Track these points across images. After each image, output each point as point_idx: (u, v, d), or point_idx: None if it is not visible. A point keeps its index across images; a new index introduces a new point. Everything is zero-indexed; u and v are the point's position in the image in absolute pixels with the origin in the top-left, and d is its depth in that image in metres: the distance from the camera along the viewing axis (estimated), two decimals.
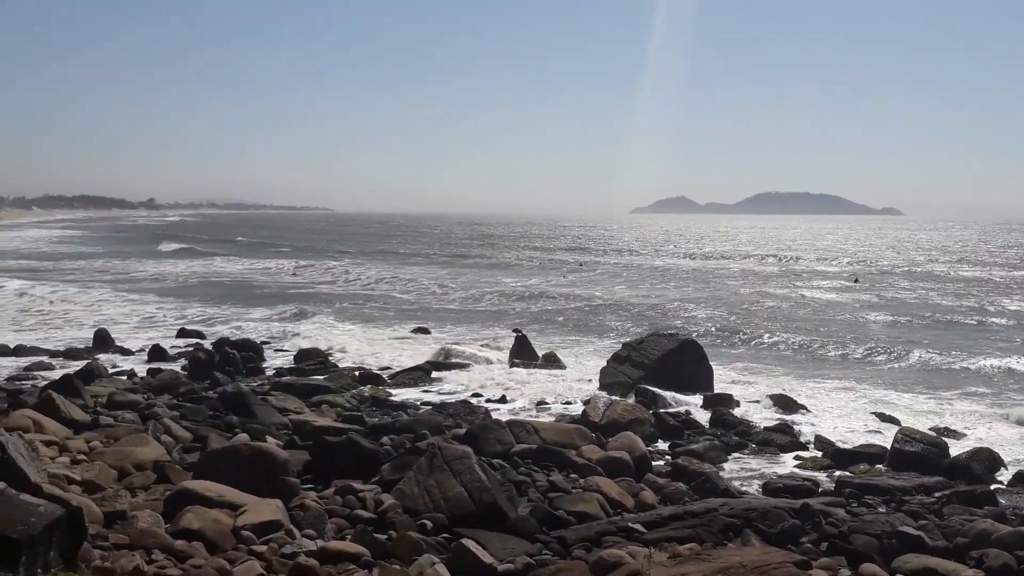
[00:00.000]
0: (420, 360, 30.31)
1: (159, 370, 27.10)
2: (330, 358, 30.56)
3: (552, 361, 29.97)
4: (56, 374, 25.68)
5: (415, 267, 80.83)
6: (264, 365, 29.40)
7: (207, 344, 32.10)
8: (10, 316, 41.29)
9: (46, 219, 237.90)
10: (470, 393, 25.95)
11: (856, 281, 65.29)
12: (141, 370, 28.01)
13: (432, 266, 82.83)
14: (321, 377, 27.06)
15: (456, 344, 33.23)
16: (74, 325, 39.27)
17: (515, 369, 29.26)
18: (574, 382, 27.52)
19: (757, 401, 25.18)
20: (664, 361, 25.76)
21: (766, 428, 22.05)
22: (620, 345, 29.34)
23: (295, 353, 31.09)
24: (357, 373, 27.94)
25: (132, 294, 52.39)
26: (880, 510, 15.60)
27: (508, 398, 25.36)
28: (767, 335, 37.13)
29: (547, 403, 24.93)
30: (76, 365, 28.00)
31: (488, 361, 30.40)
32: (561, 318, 43.69)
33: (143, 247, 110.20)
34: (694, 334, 33.05)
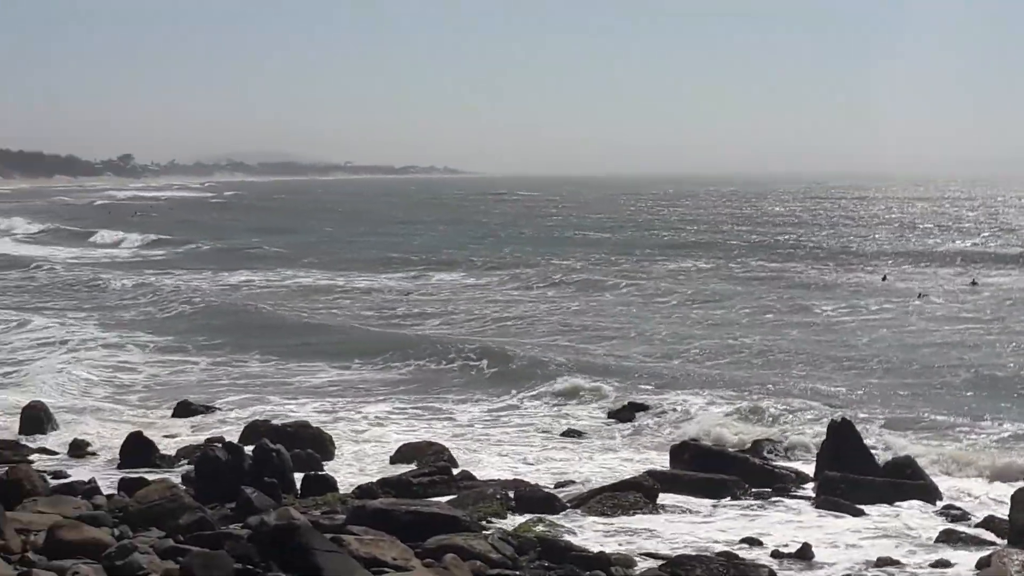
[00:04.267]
0: (635, 467, 19.65)
1: (141, 481, 17.95)
2: (457, 460, 20.59)
3: (906, 474, 18.31)
4: None
5: (639, 279, 51.03)
6: (334, 472, 19.61)
7: (227, 432, 22.09)
8: None
9: None
10: (737, 537, 16.06)
11: None
12: (108, 481, 18.60)
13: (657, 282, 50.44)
14: (444, 498, 17.88)
15: (709, 437, 21.59)
16: None
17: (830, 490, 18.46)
18: (946, 518, 16.92)
19: None
20: None
21: None
22: None
23: (392, 452, 21.01)
24: (511, 493, 18.03)
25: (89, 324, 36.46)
26: None
27: (814, 549, 15.28)
28: None
29: (897, 562, 14.78)
30: None
31: (768, 469, 19.44)
32: (909, 376, 27.20)
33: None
34: None
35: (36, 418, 22.62)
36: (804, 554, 14.81)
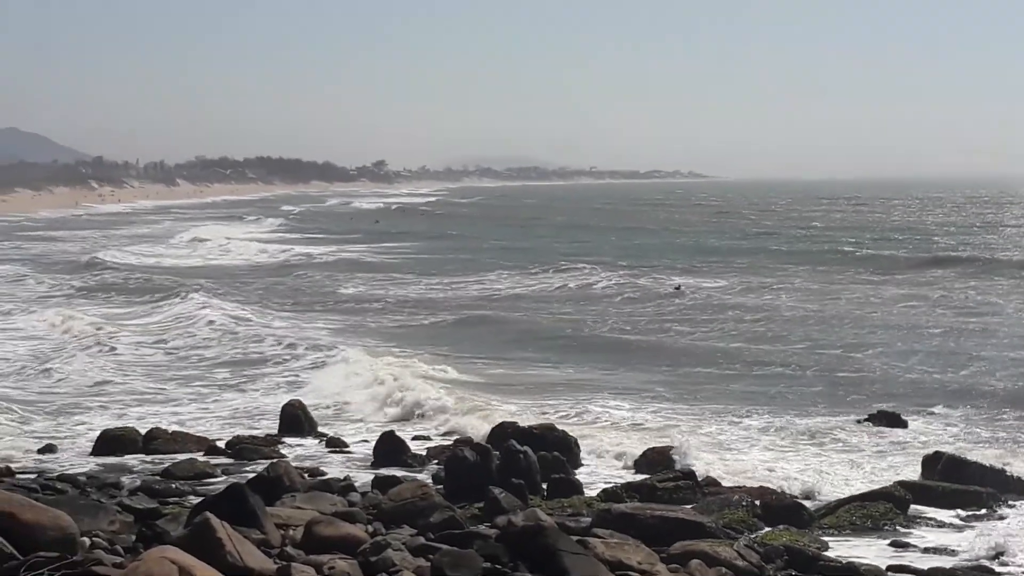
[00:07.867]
0: (884, 477, 18.91)
1: (393, 480, 18.60)
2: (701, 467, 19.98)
3: None
4: (216, 484, 18.49)
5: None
6: (582, 476, 19.68)
7: (476, 434, 22.41)
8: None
9: None
10: (992, 552, 15.20)
11: None
12: (361, 479, 19.19)
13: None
14: (688, 505, 17.72)
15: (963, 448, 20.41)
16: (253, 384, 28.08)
17: None
18: None
19: None
20: None
21: None
22: None
23: (637, 456, 20.70)
24: (757, 502, 17.62)
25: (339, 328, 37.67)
26: None
27: None
28: None
29: None
30: (250, 468, 19.85)
31: None
32: None
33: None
34: None
35: (295, 416, 23.15)
36: None
